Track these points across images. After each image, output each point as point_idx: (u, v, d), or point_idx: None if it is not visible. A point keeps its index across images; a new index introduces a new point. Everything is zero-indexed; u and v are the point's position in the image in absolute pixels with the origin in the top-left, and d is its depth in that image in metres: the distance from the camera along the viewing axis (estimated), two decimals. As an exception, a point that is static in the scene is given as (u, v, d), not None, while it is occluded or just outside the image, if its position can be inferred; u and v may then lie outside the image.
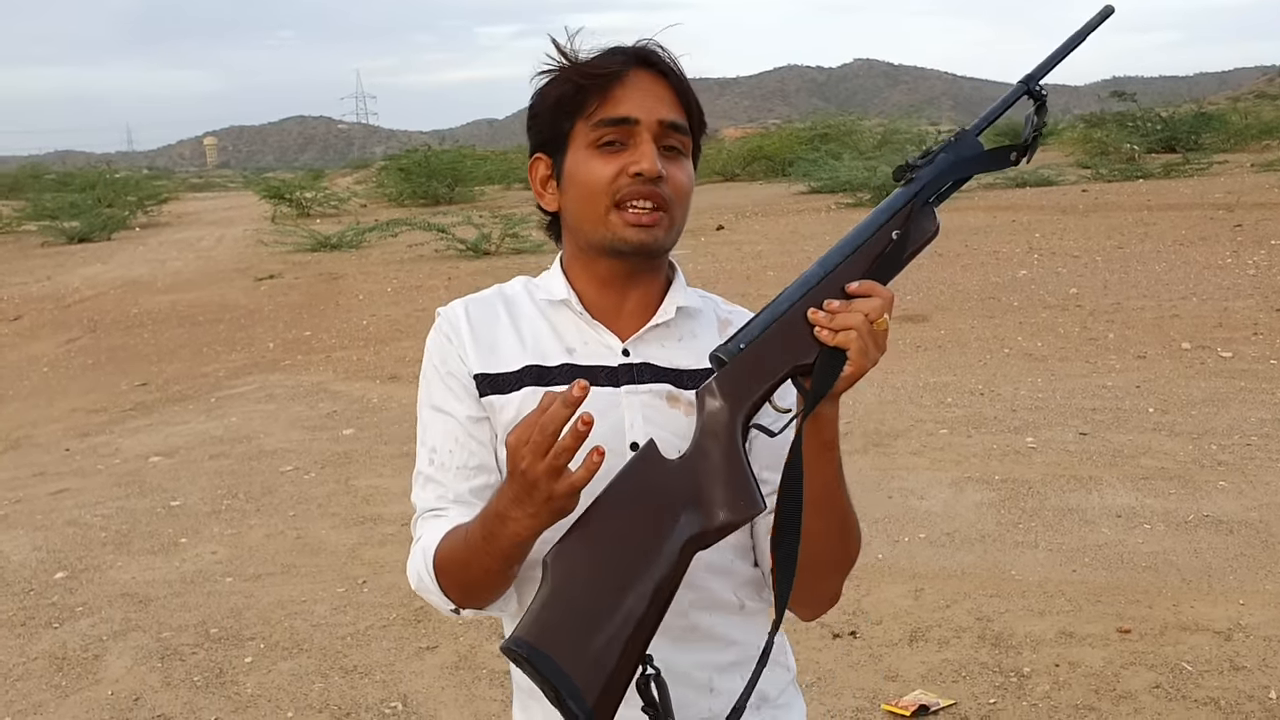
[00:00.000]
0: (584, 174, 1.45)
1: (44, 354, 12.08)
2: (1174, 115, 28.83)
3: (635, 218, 1.43)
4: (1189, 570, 4.63)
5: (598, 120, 1.44)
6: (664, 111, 1.44)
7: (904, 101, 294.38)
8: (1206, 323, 9.20)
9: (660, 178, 1.42)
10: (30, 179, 45.68)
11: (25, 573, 5.42)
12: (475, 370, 1.49)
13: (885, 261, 1.37)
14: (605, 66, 1.44)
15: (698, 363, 1.48)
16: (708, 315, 1.57)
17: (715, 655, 1.49)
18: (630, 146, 1.43)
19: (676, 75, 1.48)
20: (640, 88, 1.45)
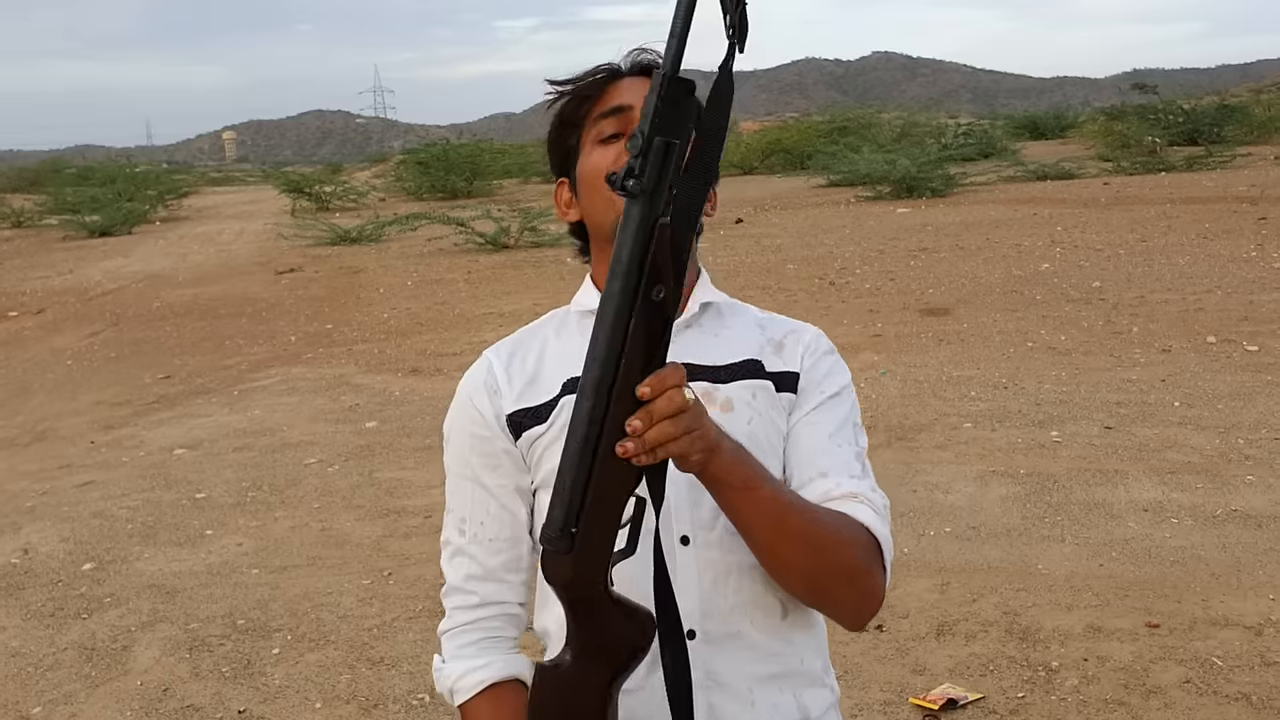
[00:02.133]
0: (590, 168, 1.47)
1: (67, 347, 12.15)
2: (1196, 108, 28.61)
3: None
4: (1218, 565, 4.61)
5: (596, 116, 1.48)
6: None
7: (922, 94, 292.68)
8: (1231, 316, 9.14)
9: None
10: (51, 173, 45.88)
11: (53, 564, 5.45)
12: (509, 410, 1.48)
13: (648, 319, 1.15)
14: (597, 78, 1.49)
15: (731, 356, 1.48)
16: (743, 313, 1.57)
17: (756, 666, 1.45)
18: (627, 133, 1.44)
19: None
20: (631, 86, 1.47)
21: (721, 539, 1.42)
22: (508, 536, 1.49)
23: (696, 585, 1.41)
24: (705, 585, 1.42)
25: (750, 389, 1.48)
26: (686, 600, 1.39)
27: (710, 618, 1.42)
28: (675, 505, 1.41)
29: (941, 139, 29.93)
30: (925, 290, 11.23)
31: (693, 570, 1.41)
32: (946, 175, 20.77)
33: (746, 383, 1.48)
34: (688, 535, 1.42)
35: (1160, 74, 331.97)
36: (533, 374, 1.50)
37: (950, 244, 13.96)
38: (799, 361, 1.53)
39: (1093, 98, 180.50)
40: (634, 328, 1.15)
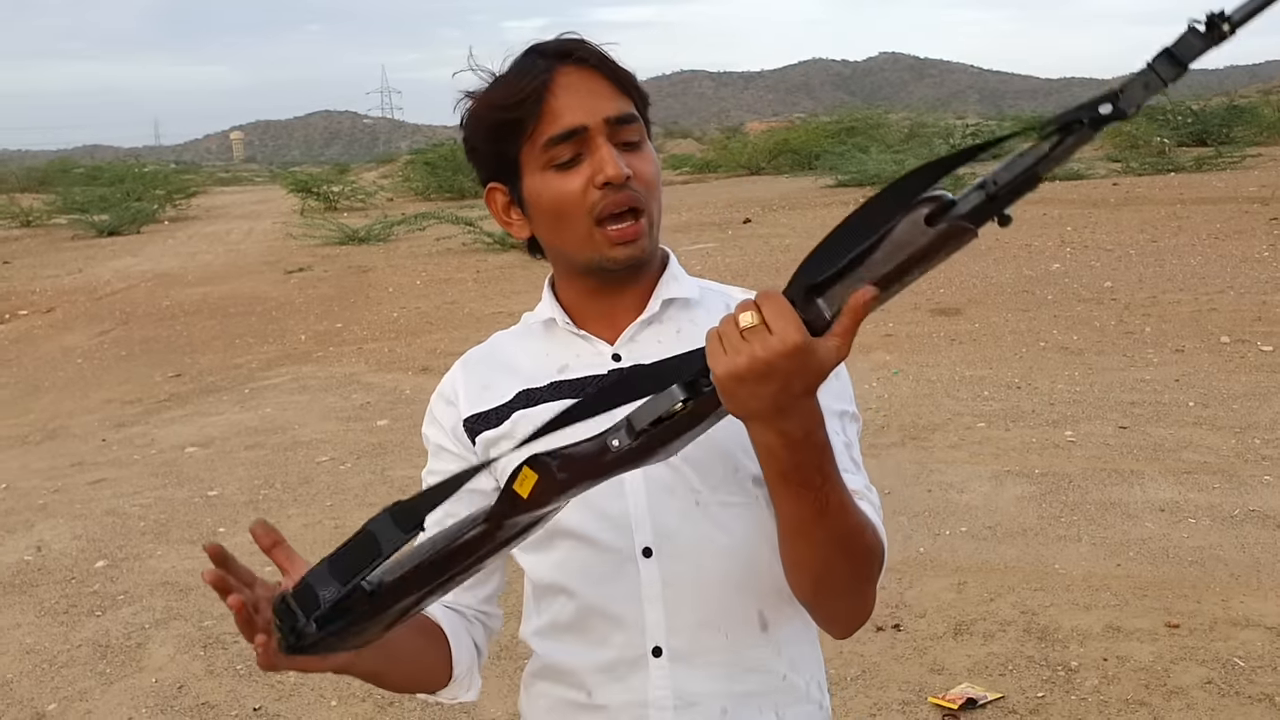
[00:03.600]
0: (550, 198, 1.34)
1: (78, 345, 12.15)
2: (1205, 108, 28.53)
3: (619, 235, 1.32)
4: (1237, 565, 4.58)
5: (544, 142, 1.32)
6: (606, 108, 1.33)
7: (930, 95, 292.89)
8: (1245, 316, 9.10)
9: (628, 178, 1.32)
10: (59, 173, 45.96)
11: (66, 561, 5.45)
12: (464, 415, 1.45)
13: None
14: (528, 81, 1.32)
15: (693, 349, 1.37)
16: (711, 304, 1.44)
17: (731, 683, 1.36)
18: (587, 156, 1.32)
19: (604, 62, 1.35)
20: (572, 89, 1.32)
21: (688, 549, 1.34)
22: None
23: (661, 599, 1.34)
24: (670, 599, 1.35)
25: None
26: (652, 615, 1.35)
27: (677, 633, 1.35)
28: (636, 516, 1.35)
29: (949, 140, 29.88)
30: (936, 290, 11.19)
31: (657, 584, 1.34)
32: (955, 176, 20.72)
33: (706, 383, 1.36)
34: (650, 547, 1.35)
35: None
36: (487, 380, 1.47)
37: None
38: None
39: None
40: None
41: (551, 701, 1.45)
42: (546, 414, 1.31)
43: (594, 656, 1.38)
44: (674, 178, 33.20)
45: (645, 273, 1.43)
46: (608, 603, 1.37)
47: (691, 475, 1.35)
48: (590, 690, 1.39)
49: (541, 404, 1.40)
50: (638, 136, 1.36)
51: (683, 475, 1.35)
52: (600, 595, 1.38)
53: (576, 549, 1.39)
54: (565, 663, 1.41)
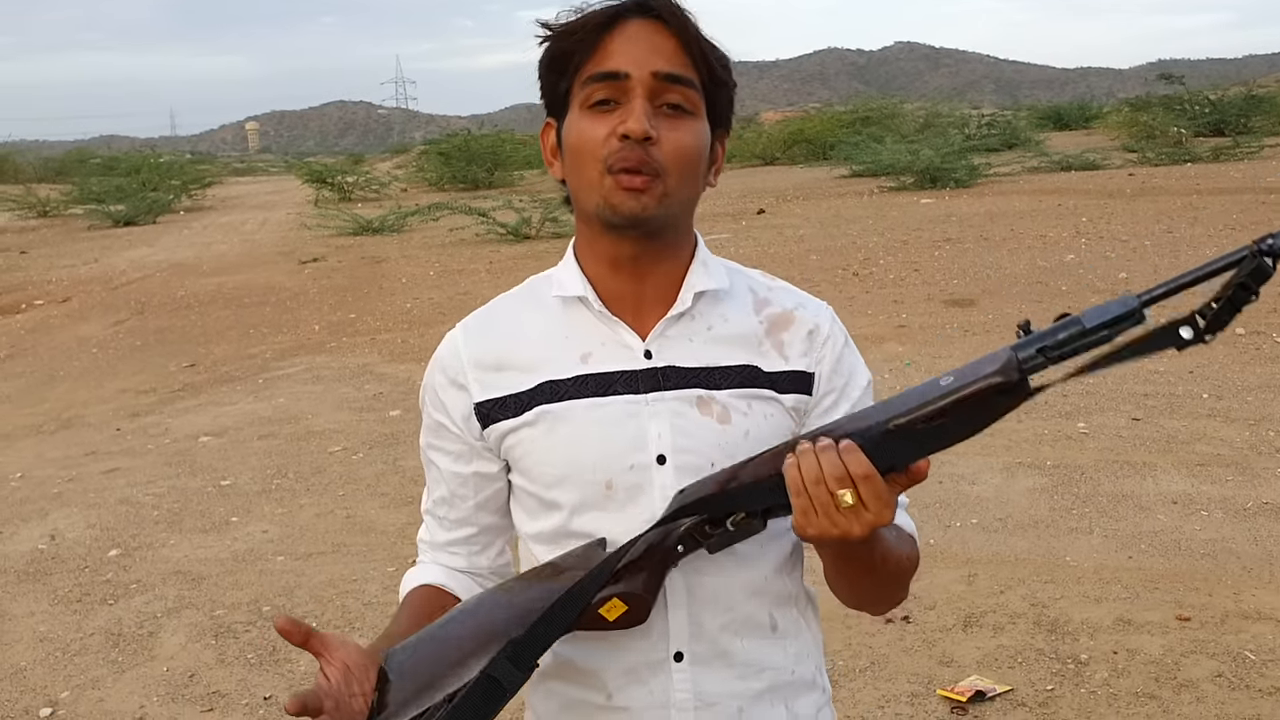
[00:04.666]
0: (575, 137, 1.32)
1: (93, 335, 12.20)
2: (1223, 98, 28.39)
3: (626, 181, 1.28)
4: (1249, 558, 4.56)
5: (586, 77, 1.30)
6: (659, 63, 1.28)
7: (945, 85, 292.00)
8: (1261, 308, 9.01)
9: (649, 139, 1.27)
10: (76, 163, 46.20)
11: (80, 550, 5.48)
12: (477, 399, 1.39)
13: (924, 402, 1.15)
14: (592, 16, 1.30)
15: (726, 357, 1.37)
16: (739, 294, 1.42)
17: (746, 683, 1.38)
18: (622, 104, 1.29)
19: (679, 20, 1.30)
20: (633, 38, 1.29)
21: (711, 562, 1.34)
22: (456, 518, 1.48)
23: (686, 606, 1.36)
24: (694, 607, 1.36)
25: (745, 398, 1.37)
26: (676, 622, 1.36)
27: (699, 639, 1.36)
28: None
29: (965, 129, 29.78)
30: (950, 281, 11.17)
31: (681, 592, 1.35)
32: (970, 166, 20.68)
33: (741, 391, 1.37)
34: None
35: (1186, 64, 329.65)
36: (501, 358, 1.40)
37: (974, 235, 13.89)
38: (810, 358, 1.41)
39: (1117, 88, 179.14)
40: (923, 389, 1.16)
41: (566, 701, 1.41)
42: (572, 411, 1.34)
43: (615, 659, 1.37)
44: (688, 168, 33.08)
45: (670, 254, 1.38)
46: None
47: None
48: (611, 692, 1.37)
49: (568, 399, 1.35)
50: (687, 104, 1.31)
51: None
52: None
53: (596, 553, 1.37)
54: (583, 663, 1.38)
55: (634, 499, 1.33)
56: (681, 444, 1.33)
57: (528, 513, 1.42)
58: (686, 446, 1.33)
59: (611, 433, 1.34)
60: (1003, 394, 1.14)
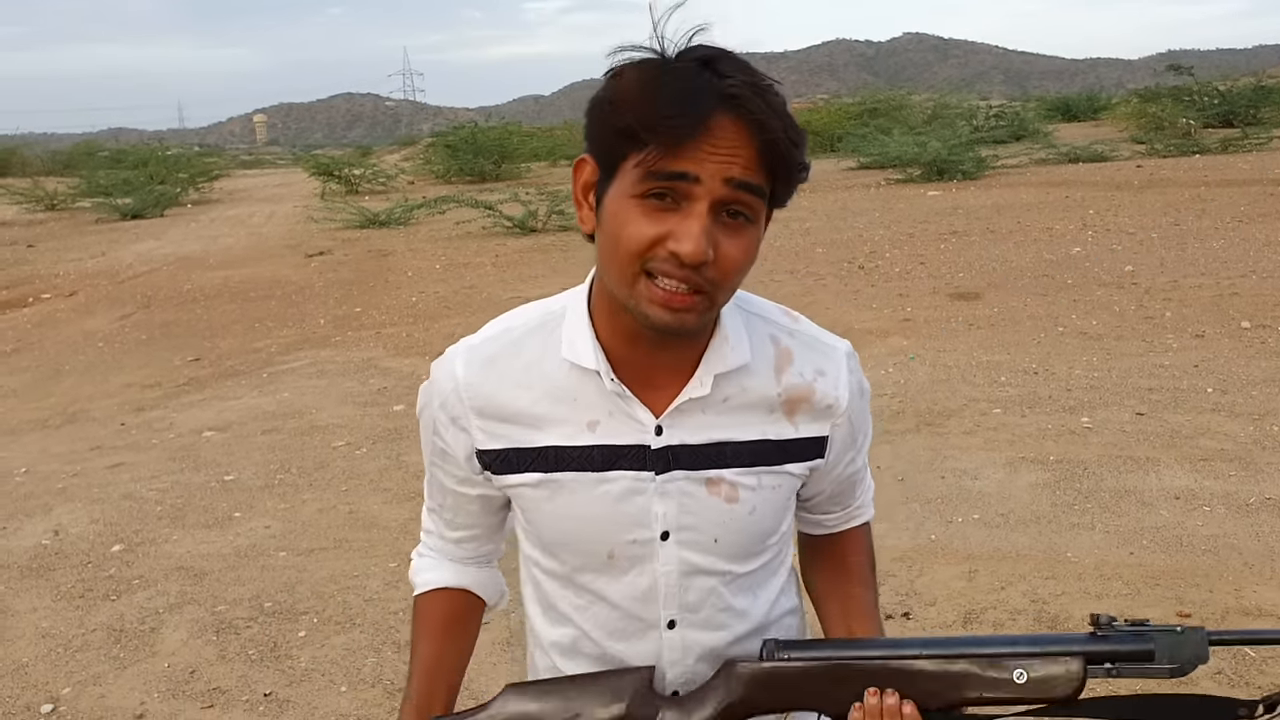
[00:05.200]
0: (617, 225, 1.20)
1: (99, 329, 12.23)
2: (1232, 89, 28.27)
3: (665, 297, 1.19)
4: (1251, 554, 4.55)
5: (650, 170, 1.16)
6: (735, 170, 1.16)
7: (954, 76, 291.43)
8: (1267, 301, 9.02)
9: (702, 266, 1.18)
10: (84, 156, 46.17)
11: (83, 545, 5.49)
12: (481, 447, 1.37)
13: (986, 692, 1.25)
14: (682, 112, 1.14)
15: (742, 431, 1.35)
16: (760, 359, 1.36)
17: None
18: (681, 209, 1.17)
19: (769, 126, 1.16)
20: (714, 138, 1.15)
21: (707, 620, 1.40)
22: (461, 523, 1.52)
23: (681, 663, 1.41)
24: (690, 662, 1.41)
25: (755, 475, 1.36)
26: (672, 672, 1.41)
27: (694, 681, 1.41)
28: (665, 593, 1.38)
29: (973, 121, 29.68)
30: (955, 274, 11.14)
31: (678, 649, 1.40)
32: (978, 158, 20.61)
33: (752, 469, 1.36)
34: (675, 620, 1.40)
35: (1196, 54, 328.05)
36: (504, 410, 1.35)
37: (981, 227, 13.85)
38: (825, 424, 1.40)
39: (1126, 79, 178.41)
40: (990, 659, 1.25)
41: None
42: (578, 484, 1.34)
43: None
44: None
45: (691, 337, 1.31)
46: (627, 657, 1.41)
47: (729, 558, 1.39)
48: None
49: (573, 470, 1.33)
50: (750, 213, 1.21)
51: (721, 558, 1.39)
52: (620, 650, 1.42)
53: (600, 605, 1.41)
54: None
55: (636, 567, 1.37)
56: (686, 522, 1.35)
57: (533, 545, 1.46)
58: (691, 524, 1.35)
59: (616, 510, 1.34)
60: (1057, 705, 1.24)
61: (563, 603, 1.43)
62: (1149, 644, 1.23)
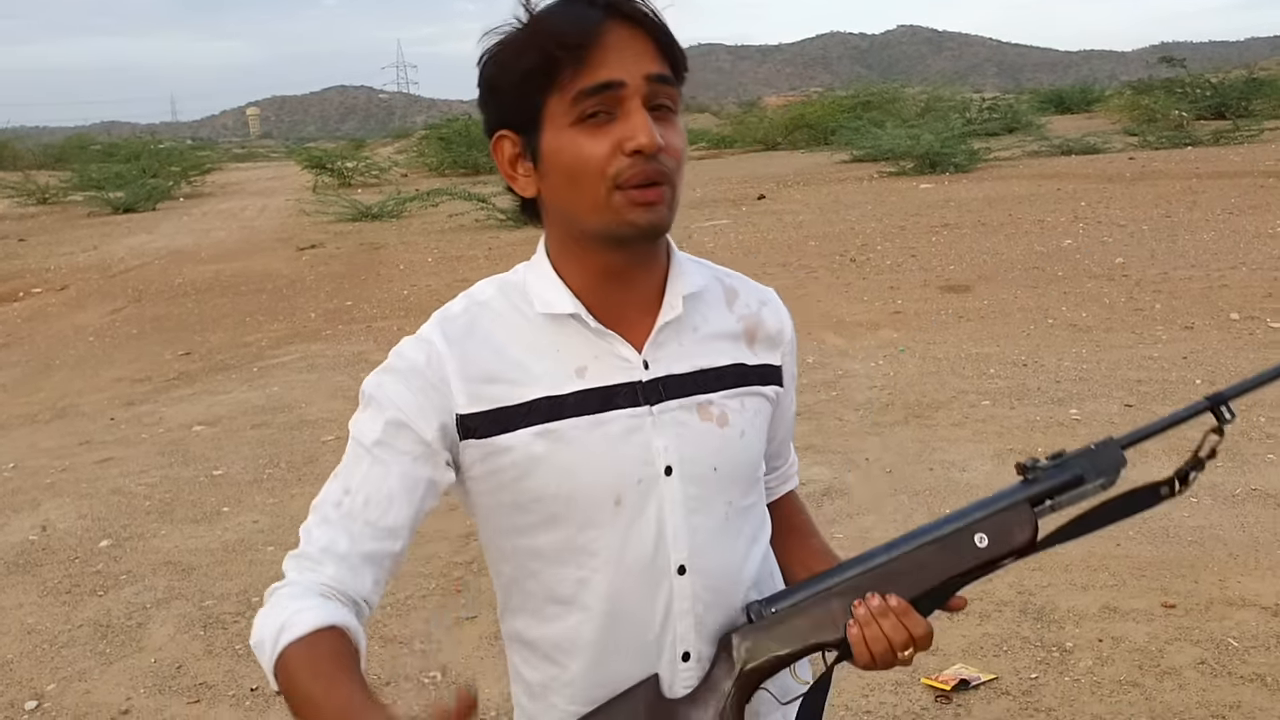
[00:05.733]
0: (571, 156, 1.25)
1: (90, 323, 12.21)
2: (1224, 81, 28.33)
3: (641, 195, 1.25)
4: (1236, 544, 4.56)
5: (578, 92, 1.23)
6: (649, 65, 1.25)
7: (948, 68, 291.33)
8: (1256, 293, 9.04)
9: (660, 149, 1.24)
10: (76, 150, 46.12)
11: (71, 540, 5.49)
12: (462, 410, 1.32)
13: (962, 564, 1.33)
14: (576, 28, 1.22)
15: (719, 356, 1.39)
16: (712, 290, 1.43)
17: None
18: (620, 116, 1.24)
19: (655, 20, 1.26)
20: (618, 44, 1.23)
21: (717, 563, 1.38)
22: (384, 526, 1.31)
23: (692, 614, 1.37)
24: (700, 612, 1.38)
25: (738, 397, 1.40)
26: (682, 627, 1.37)
27: (704, 640, 1.38)
28: (673, 535, 1.35)
29: (965, 114, 29.71)
30: (946, 267, 11.15)
31: (688, 599, 1.37)
32: (970, 150, 20.64)
33: (734, 391, 1.40)
34: (685, 564, 1.36)
35: (1188, 47, 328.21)
36: (488, 370, 1.34)
37: (972, 220, 13.86)
38: (777, 353, 1.47)
39: (1119, 71, 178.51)
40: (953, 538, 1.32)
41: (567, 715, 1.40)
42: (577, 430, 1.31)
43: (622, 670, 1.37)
44: (690, 153, 33.00)
45: (655, 259, 1.36)
46: (637, 618, 1.37)
47: (728, 487, 1.40)
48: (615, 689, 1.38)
49: (569, 417, 1.31)
50: (672, 103, 1.28)
51: (720, 487, 1.39)
52: (628, 611, 1.37)
53: (601, 568, 1.36)
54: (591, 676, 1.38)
55: (641, 509, 1.34)
56: (686, 453, 1.35)
57: (519, 531, 1.37)
58: (691, 455, 1.35)
59: (619, 450, 1.33)
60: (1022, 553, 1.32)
61: (564, 583, 1.37)
62: (1075, 470, 1.32)
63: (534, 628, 1.41)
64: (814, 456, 5.88)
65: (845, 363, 7.84)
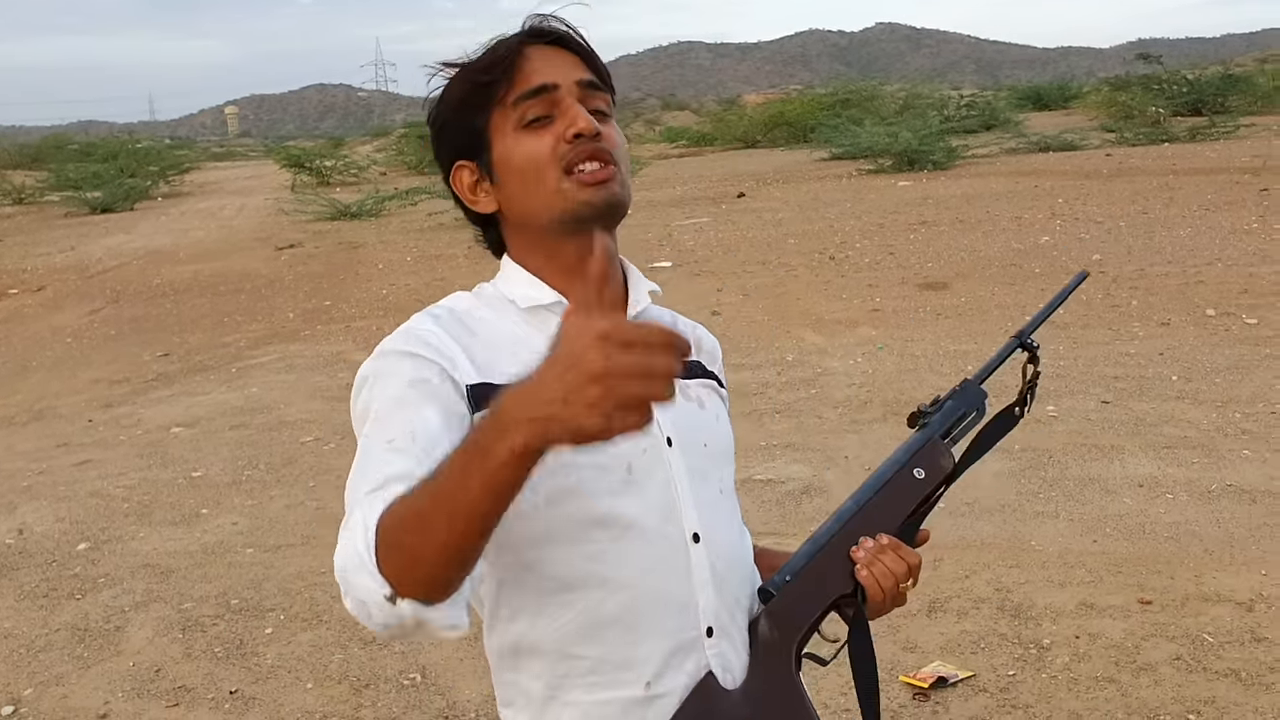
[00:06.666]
0: (520, 157, 1.35)
1: (67, 325, 12.15)
2: (1200, 77, 28.45)
3: (591, 176, 1.34)
4: (1211, 540, 4.60)
5: (514, 99, 1.35)
6: (577, 72, 1.37)
7: (926, 65, 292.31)
8: (1231, 289, 9.10)
9: (599, 134, 1.34)
10: (53, 149, 45.75)
11: (48, 544, 5.46)
12: (471, 381, 1.31)
13: (913, 497, 1.47)
14: (498, 50, 1.36)
15: None
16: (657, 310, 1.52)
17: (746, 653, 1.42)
18: (558, 116, 1.35)
19: (575, 40, 1.40)
20: (542, 59, 1.36)
21: (721, 533, 1.42)
22: (437, 456, 1.12)
23: (711, 583, 1.38)
24: (717, 582, 1.38)
25: (706, 389, 1.51)
26: (704, 598, 1.37)
27: (723, 613, 1.39)
28: (683, 502, 1.37)
29: (944, 111, 29.78)
30: (924, 264, 11.19)
31: (706, 568, 1.37)
32: (948, 148, 20.67)
33: (701, 381, 1.51)
34: (698, 532, 1.38)
35: (1165, 43, 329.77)
36: (485, 357, 1.35)
37: (950, 217, 13.91)
38: (717, 368, 1.58)
39: (1097, 68, 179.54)
40: (899, 478, 1.47)
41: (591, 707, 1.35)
42: None
43: (653, 647, 1.35)
44: (670, 151, 33.19)
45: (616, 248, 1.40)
46: (663, 590, 1.36)
47: (719, 463, 1.47)
48: (650, 681, 1.34)
49: None
50: (607, 107, 1.39)
51: (714, 463, 1.45)
52: (655, 583, 1.35)
53: (621, 538, 1.34)
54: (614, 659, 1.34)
55: (651, 477, 1.37)
56: (681, 425, 1.41)
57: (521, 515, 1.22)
58: (686, 428, 1.41)
59: None
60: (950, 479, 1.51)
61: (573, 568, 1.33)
62: (957, 408, 1.53)
63: (538, 626, 1.35)
64: (793, 454, 5.90)
65: (824, 360, 7.87)
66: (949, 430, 1.52)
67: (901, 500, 1.46)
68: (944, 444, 1.50)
